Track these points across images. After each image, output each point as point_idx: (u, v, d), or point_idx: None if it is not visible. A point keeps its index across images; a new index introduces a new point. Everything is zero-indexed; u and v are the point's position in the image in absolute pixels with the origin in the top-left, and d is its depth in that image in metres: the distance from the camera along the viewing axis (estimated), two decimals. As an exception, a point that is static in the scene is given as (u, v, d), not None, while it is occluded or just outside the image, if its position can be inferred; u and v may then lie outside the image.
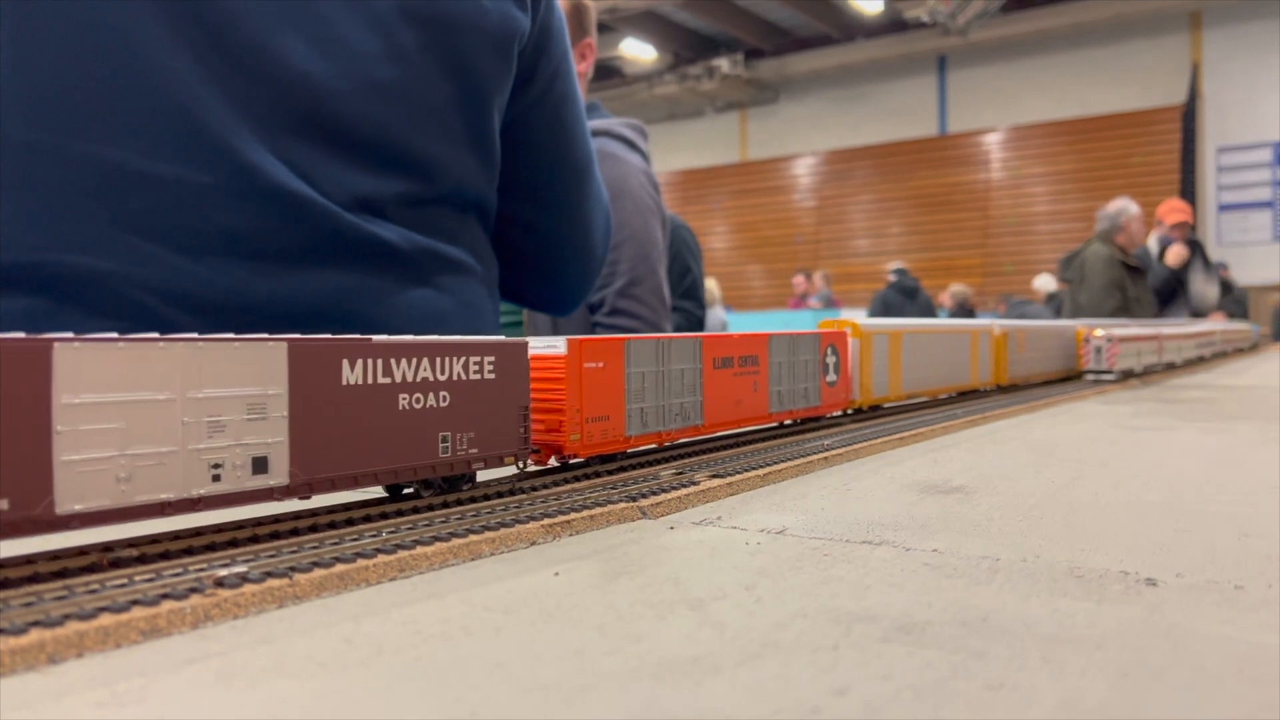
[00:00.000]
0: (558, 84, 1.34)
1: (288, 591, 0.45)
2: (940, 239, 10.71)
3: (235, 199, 0.99)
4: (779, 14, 10.07)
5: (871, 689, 0.34)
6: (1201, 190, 9.30)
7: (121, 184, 0.96)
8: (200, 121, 0.98)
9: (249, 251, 1.01)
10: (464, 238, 1.22)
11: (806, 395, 1.02)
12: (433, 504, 0.61)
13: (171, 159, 0.97)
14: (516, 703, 0.33)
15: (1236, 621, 0.42)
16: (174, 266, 0.97)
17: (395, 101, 1.09)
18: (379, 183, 1.09)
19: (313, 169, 1.04)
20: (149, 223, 0.97)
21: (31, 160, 0.95)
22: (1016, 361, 1.63)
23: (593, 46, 2.38)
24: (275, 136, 1.01)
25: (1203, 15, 9.35)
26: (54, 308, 0.95)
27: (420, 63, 1.10)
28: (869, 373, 1.15)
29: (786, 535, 0.59)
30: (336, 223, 1.04)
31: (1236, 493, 0.74)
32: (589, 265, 1.55)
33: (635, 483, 0.71)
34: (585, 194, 1.47)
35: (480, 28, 1.15)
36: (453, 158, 1.17)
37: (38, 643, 0.37)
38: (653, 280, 2.22)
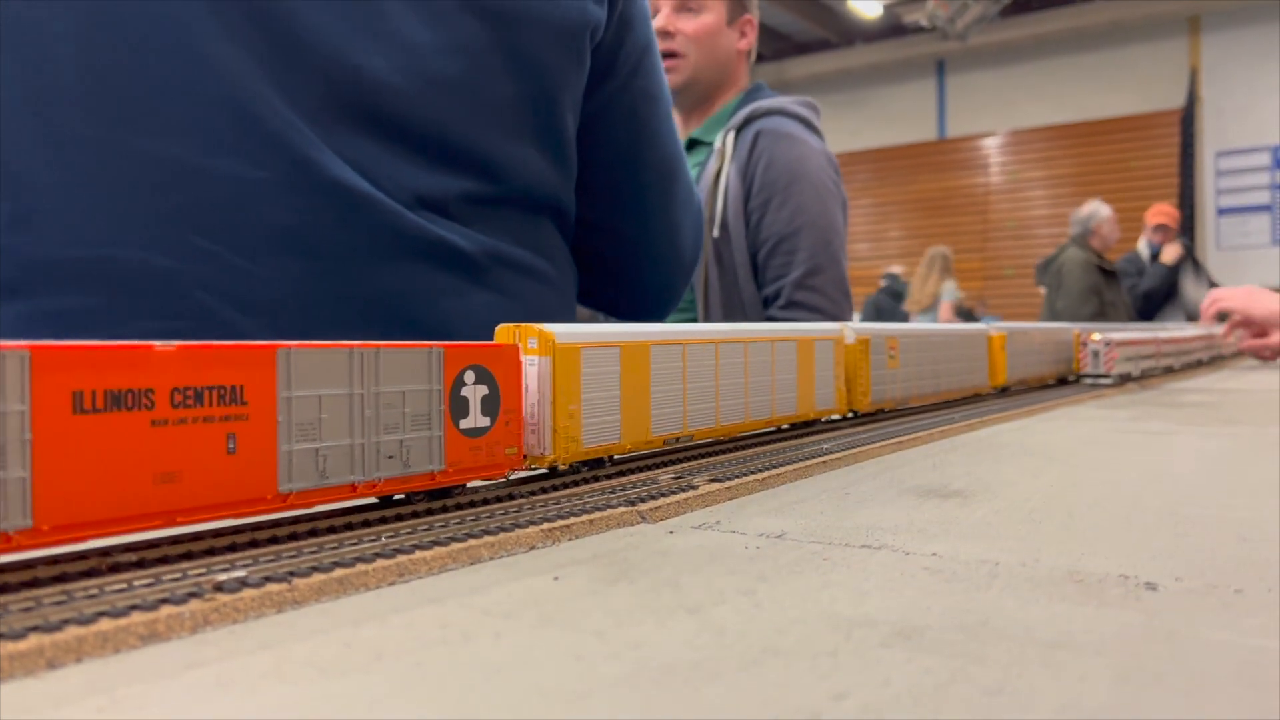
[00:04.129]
0: (638, 80, 1.28)
1: (287, 596, 0.45)
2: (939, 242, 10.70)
3: (292, 195, 0.97)
4: (778, 19, 10.08)
5: (871, 694, 0.34)
6: (1200, 194, 9.30)
7: (180, 179, 0.95)
8: (256, 116, 0.96)
9: (306, 249, 0.99)
10: (536, 241, 1.18)
11: (405, 455, 0.58)
12: (431, 508, 0.61)
13: (228, 154, 0.96)
14: (515, 708, 0.33)
15: (1236, 626, 0.42)
16: (231, 265, 0.96)
17: (457, 97, 1.06)
18: (441, 180, 1.06)
19: (372, 165, 1.01)
20: (206, 219, 0.96)
21: (93, 156, 0.94)
22: (888, 380, 1.18)
23: (753, 23, 2.31)
24: (333, 132, 0.99)
25: (1201, 20, 9.36)
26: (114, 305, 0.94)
27: (483, 57, 1.07)
28: (565, 412, 0.69)
29: (785, 539, 0.59)
30: (397, 221, 1.02)
31: (1236, 496, 0.74)
32: (675, 272, 1.49)
33: (634, 487, 0.71)
34: (670, 197, 1.40)
35: (548, 21, 1.11)
36: (520, 156, 1.13)
37: (36, 648, 0.37)
38: (834, 270, 2.10)
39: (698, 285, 2.16)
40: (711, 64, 2.24)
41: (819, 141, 2.22)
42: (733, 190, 2.12)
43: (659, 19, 2.19)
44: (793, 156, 2.13)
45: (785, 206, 2.09)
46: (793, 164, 2.12)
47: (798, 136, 2.17)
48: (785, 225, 2.08)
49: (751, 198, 2.12)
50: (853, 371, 1.11)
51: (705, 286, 2.14)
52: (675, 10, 2.20)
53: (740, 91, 2.32)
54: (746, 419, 0.92)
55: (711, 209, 2.13)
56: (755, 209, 2.11)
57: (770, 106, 2.20)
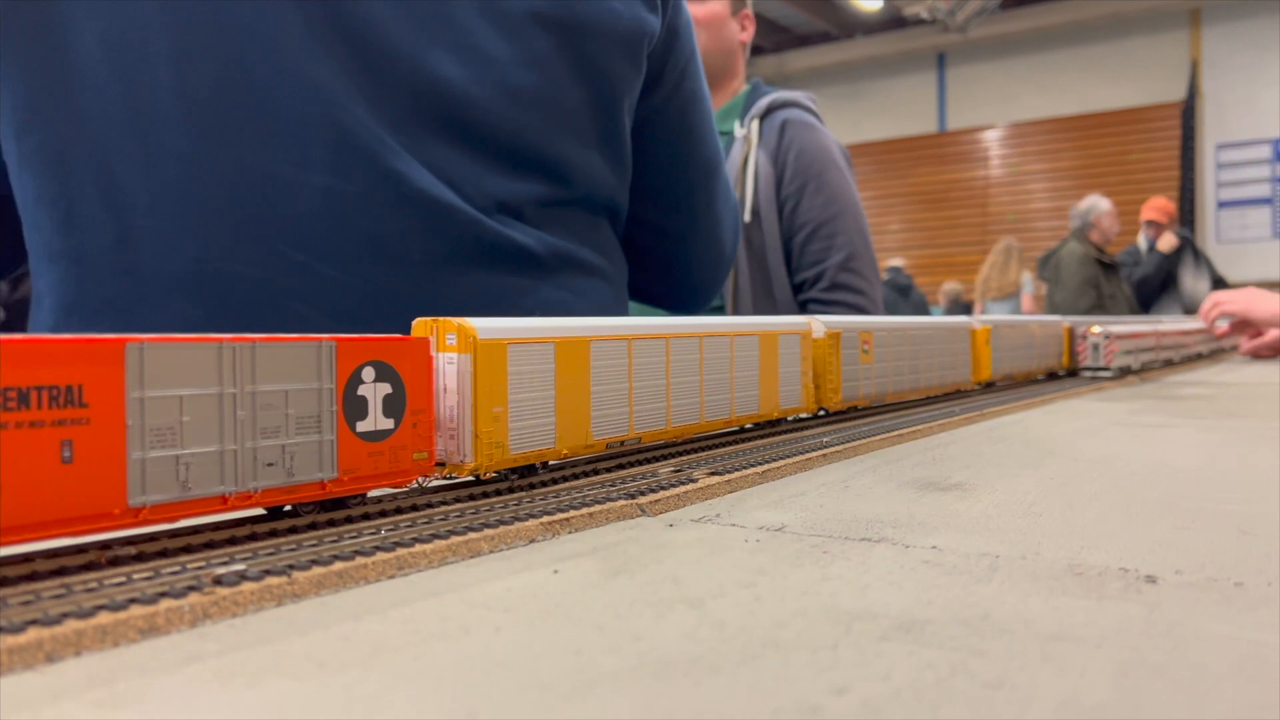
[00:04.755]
0: (685, 83, 1.33)
1: (286, 590, 0.45)
2: (939, 236, 10.72)
3: (381, 206, 1.00)
4: (779, 11, 10.06)
5: (871, 688, 0.34)
6: (1200, 187, 9.29)
7: (272, 193, 0.98)
8: (346, 129, 0.99)
9: (393, 257, 1.02)
10: (596, 240, 1.23)
11: (288, 462, 0.52)
12: (432, 501, 0.61)
13: (319, 168, 0.99)
14: (515, 701, 0.33)
15: (1236, 619, 0.42)
16: (321, 275, 0.99)
17: (531, 106, 1.10)
18: (517, 186, 1.10)
19: (455, 174, 1.05)
20: (298, 231, 0.99)
21: (189, 172, 0.97)
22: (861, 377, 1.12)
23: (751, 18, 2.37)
24: (418, 142, 1.03)
25: (1202, 13, 9.34)
26: (208, 315, 0.97)
27: (554, 67, 1.11)
28: (489, 415, 0.63)
29: (786, 532, 0.59)
30: (477, 227, 1.06)
31: (1236, 489, 0.74)
32: (718, 265, 1.54)
33: (634, 480, 0.71)
34: (714, 194, 1.46)
35: (612, 31, 1.15)
36: (586, 160, 1.18)
37: (35, 641, 0.37)
38: (869, 255, 2.16)
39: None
40: (717, 51, 2.29)
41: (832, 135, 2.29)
42: (763, 175, 2.16)
43: None
44: (821, 145, 2.20)
45: (821, 192, 2.13)
46: (822, 152, 2.18)
47: (819, 128, 2.24)
48: (822, 211, 2.13)
49: (785, 184, 2.16)
50: (822, 367, 1.05)
51: (735, 273, 2.17)
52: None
53: (742, 85, 2.36)
54: (702, 420, 0.86)
55: (741, 194, 2.16)
56: (790, 195, 2.15)
57: (789, 98, 2.27)
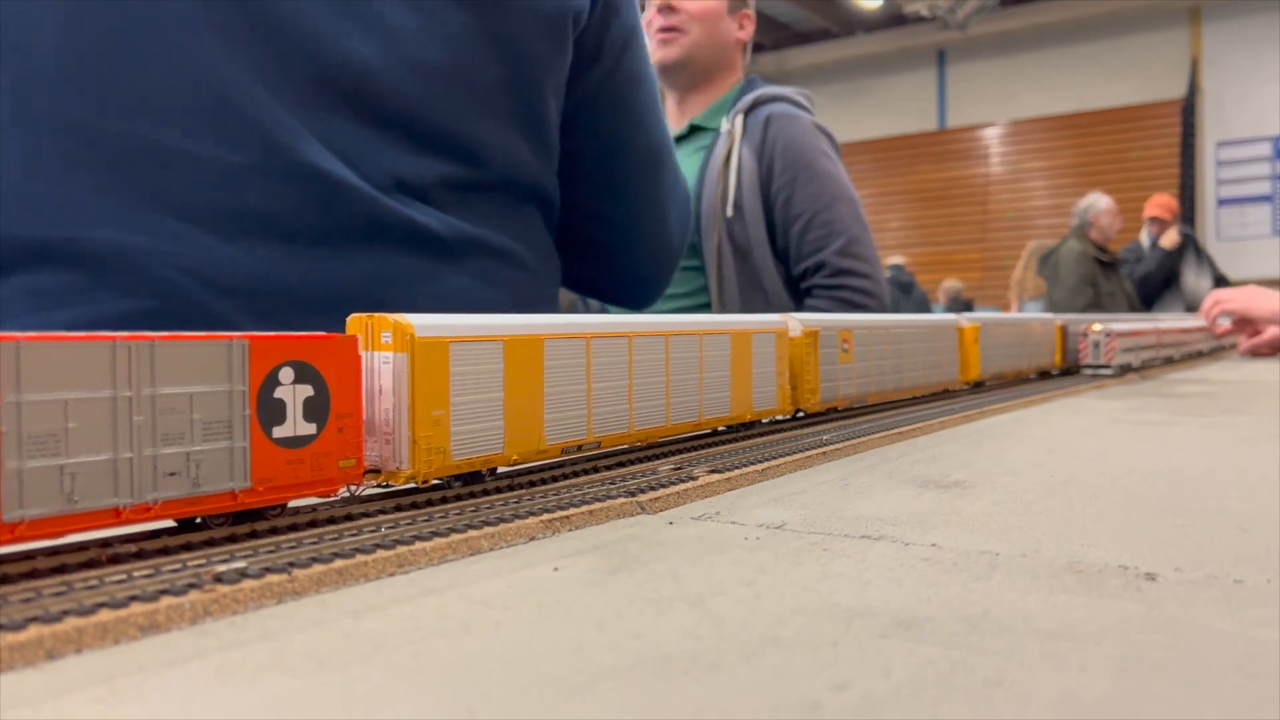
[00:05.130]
0: (624, 64, 1.29)
1: (287, 587, 0.45)
2: (939, 233, 10.71)
3: (270, 179, 0.98)
4: (778, 9, 10.05)
5: (871, 685, 0.34)
6: (1200, 185, 9.29)
7: (158, 161, 0.96)
8: (235, 100, 0.97)
9: (283, 233, 0.99)
10: (516, 228, 1.19)
11: (193, 472, 0.48)
12: (432, 499, 0.61)
13: (207, 137, 0.96)
14: (515, 699, 0.33)
15: (1236, 616, 0.42)
16: (207, 246, 0.97)
17: (439, 82, 1.06)
18: (421, 164, 1.07)
19: (352, 149, 1.02)
20: (184, 201, 0.96)
21: (70, 138, 0.95)
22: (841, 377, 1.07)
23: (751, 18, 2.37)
24: (313, 116, 1.00)
25: (1201, 10, 9.34)
26: (86, 284, 0.95)
27: (466, 43, 1.08)
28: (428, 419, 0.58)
29: (785, 530, 0.59)
30: (374, 206, 1.03)
31: (1236, 487, 0.74)
32: (663, 257, 1.50)
33: (634, 478, 0.71)
34: (657, 182, 1.41)
35: (531, 7, 1.12)
36: (502, 142, 1.14)
37: (36, 639, 0.37)
38: (868, 238, 2.16)
39: (711, 268, 2.18)
40: (710, 45, 2.29)
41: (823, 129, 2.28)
42: (746, 170, 2.16)
43: None
44: (809, 137, 2.20)
45: (814, 181, 2.14)
46: (811, 144, 2.19)
47: (803, 118, 2.24)
48: (816, 200, 2.13)
49: (775, 177, 2.16)
50: (799, 367, 1.00)
51: (719, 267, 2.17)
52: None
53: (738, 82, 2.36)
54: (668, 422, 0.82)
55: (724, 189, 2.16)
56: (781, 188, 2.15)
57: (776, 93, 2.27)
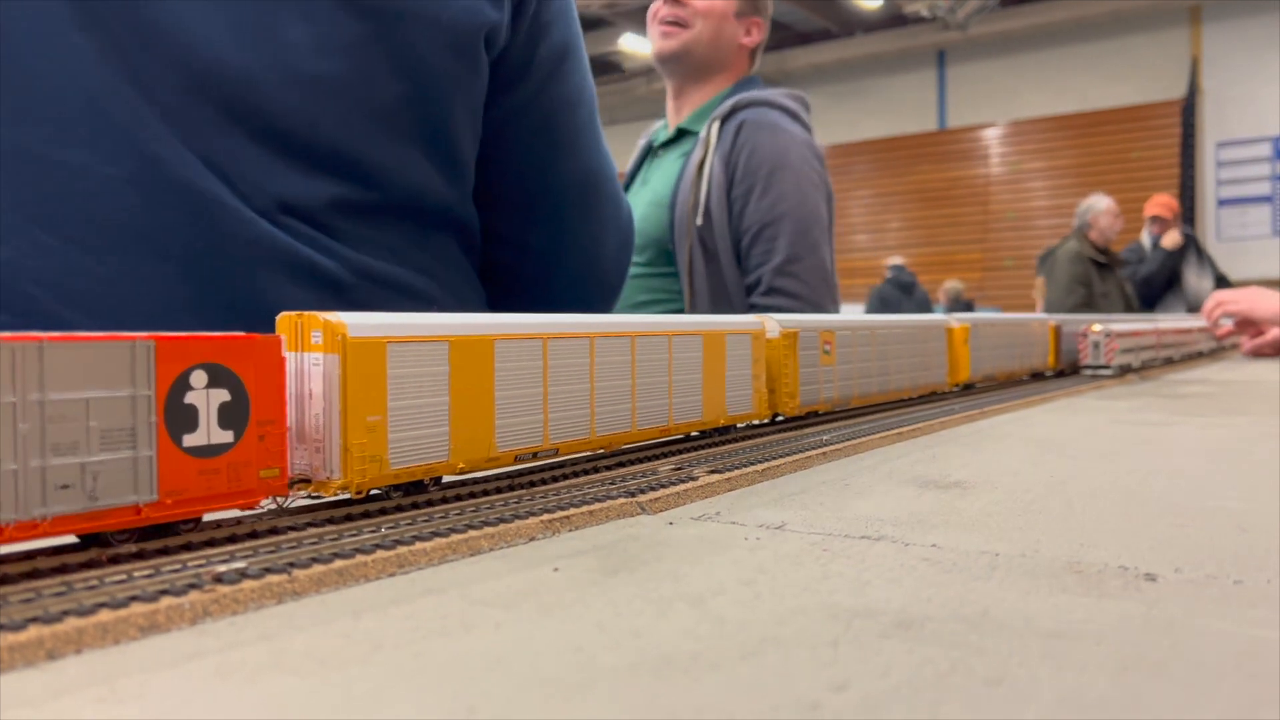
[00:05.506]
0: (554, 86, 1.21)
1: (287, 587, 0.45)
2: (939, 234, 10.72)
3: (140, 193, 0.93)
4: (779, 9, 10.05)
5: (871, 685, 0.34)
6: (1201, 185, 9.29)
7: (24, 169, 0.90)
8: (106, 109, 0.92)
9: (157, 251, 0.94)
10: (421, 257, 1.12)
11: (90, 484, 0.44)
12: (432, 500, 0.61)
13: (77, 146, 0.91)
14: (515, 699, 0.33)
15: (1236, 616, 0.42)
16: (71, 261, 0.91)
17: (330, 97, 1.00)
18: (310, 185, 1.00)
19: (232, 166, 0.96)
20: (49, 212, 0.91)
21: None
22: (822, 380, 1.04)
23: (760, 26, 2.33)
24: (193, 129, 0.95)
25: (1202, 10, 9.34)
26: None
27: (362, 57, 1.01)
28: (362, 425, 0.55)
29: (785, 530, 0.59)
30: (249, 229, 0.96)
31: (1236, 487, 0.74)
32: (596, 289, 1.41)
33: (634, 478, 0.71)
34: (588, 210, 1.32)
35: (434, 21, 1.04)
36: (404, 163, 1.07)
37: (36, 639, 0.37)
38: (813, 258, 2.14)
39: (683, 273, 2.20)
40: (711, 44, 2.28)
41: (804, 133, 2.26)
42: (716, 178, 2.16)
43: None
44: (775, 147, 2.17)
45: (767, 195, 2.13)
46: (775, 154, 2.16)
47: (781, 127, 2.21)
48: (766, 214, 2.13)
49: (734, 186, 2.16)
50: (777, 370, 0.97)
51: (690, 273, 2.18)
52: None
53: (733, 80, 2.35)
54: (634, 428, 0.78)
55: (696, 196, 2.17)
56: (738, 197, 2.16)
57: (756, 98, 2.24)
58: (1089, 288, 4.78)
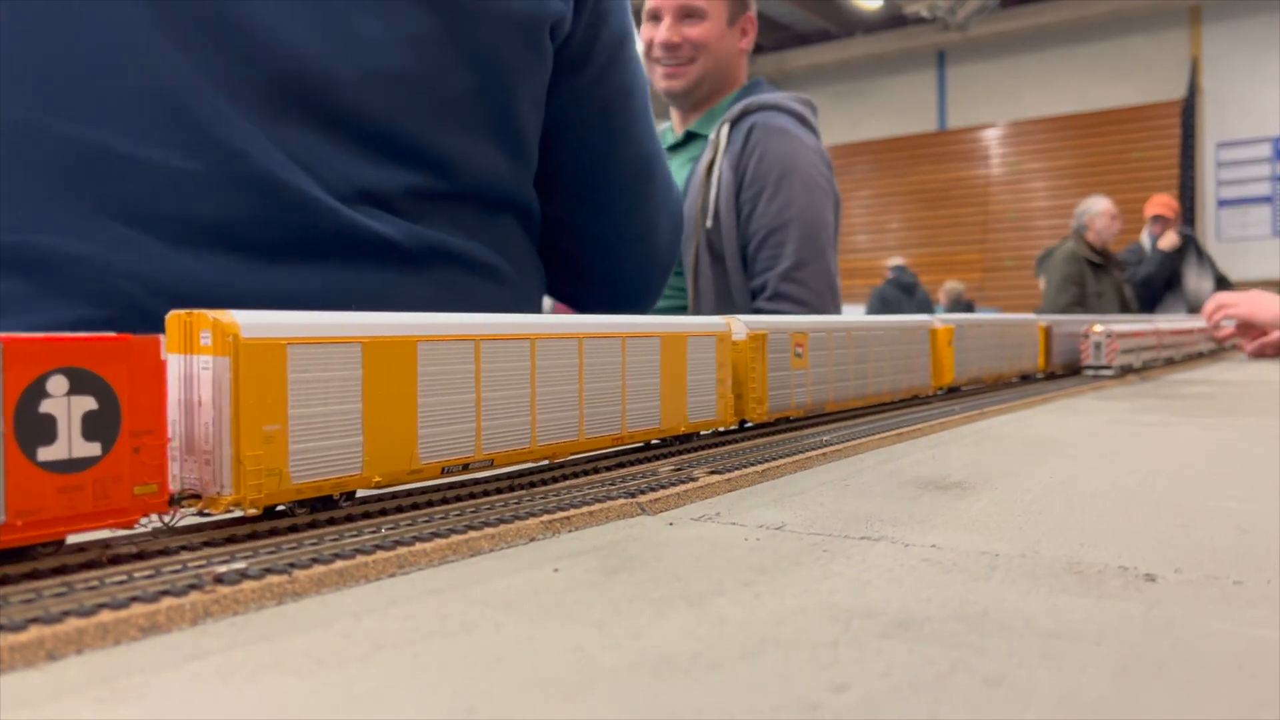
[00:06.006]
0: (612, 74, 1.25)
1: (287, 588, 0.45)
2: (940, 234, 10.71)
3: (222, 188, 0.95)
4: (778, 9, 10.06)
5: (871, 685, 0.34)
6: (1201, 185, 9.29)
7: (107, 167, 0.93)
8: (188, 107, 0.94)
9: (236, 243, 0.97)
10: (490, 236, 1.16)
11: None
12: (432, 500, 0.61)
13: (159, 144, 0.94)
14: (515, 699, 0.34)
15: (1236, 617, 0.42)
16: (156, 255, 0.94)
17: (407, 90, 1.04)
18: (386, 174, 1.04)
19: (315, 159, 0.99)
20: (133, 209, 0.94)
21: (16, 139, 0.93)
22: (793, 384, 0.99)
23: (754, 21, 2.35)
24: (273, 124, 0.98)
25: (1202, 10, 9.34)
26: (33, 291, 0.92)
27: (435, 50, 1.05)
28: (258, 435, 0.50)
29: (785, 531, 0.59)
30: (330, 217, 1.00)
31: (1236, 488, 0.74)
32: (649, 272, 1.46)
33: (634, 479, 0.71)
34: (644, 195, 1.37)
35: (503, 13, 1.09)
36: (473, 151, 1.11)
37: (37, 639, 0.37)
38: (819, 264, 2.15)
39: (688, 274, 2.20)
40: (717, 66, 2.30)
41: (813, 138, 2.27)
42: (725, 181, 2.16)
43: (663, 31, 2.25)
44: (785, 151, 2.17)
45: (775, 200, 2.14)
46: (784, 159, 2.16)
47: (791, 132, 2.21)
48: (774, 219, 2.13)
49: (743, 190, 2.17)
50: (744, 374, 0.92)
51: (696, 275, 2.19)
52: (678, 19, 2.26)
53: (739, 87, 2.36)
54: (581, 436, 0.73)
55: (705, 199, 2.17)
56: (746, 201, 2.16)
57: (766, 101, 2.24)
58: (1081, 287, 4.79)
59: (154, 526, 0.50)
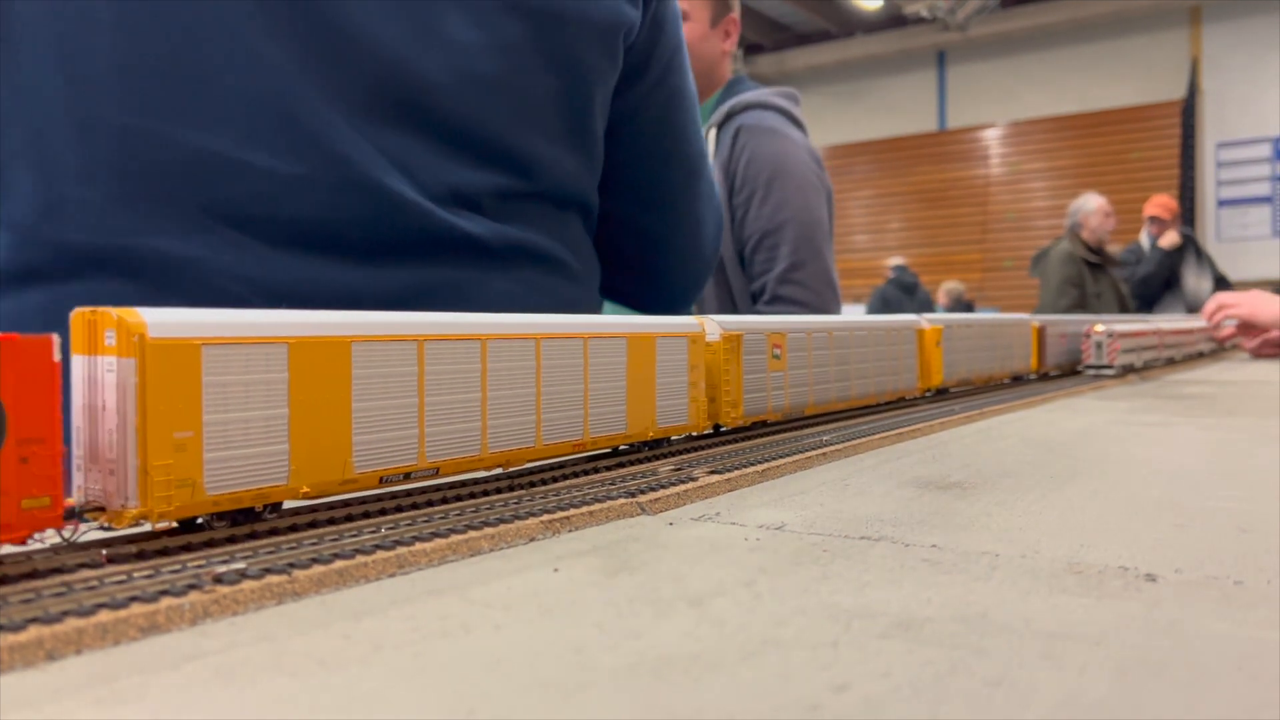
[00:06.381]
0: (669, 79, 1.30)
1: (287, 588, 0.45)
2: (939, 234, 10.71)
3: (326, 191, 0.98)
4: (779, 10, 10.05)
5: (871, 686, 0.34)
6: (1201, 186, 9.29)
7: (213, 171, 0.96)
8: (293, 112, 0.97)
9: (337, 244, 1.00)
10: (561, 235, 1.20)
11: None
12: (432, 500, 0.61)
13: (266, 147, 0.97)
14: (515, 700, 0.33)
15: (1236, 617, 0.42)
16: (261, 256, 0.97)
17: (497, 95, 1.08)
18: (476, 176, 1.08)
19: (411, 161, 1.03)
20: (239, 211, 0.96)
21: (126, 144, 0.95)
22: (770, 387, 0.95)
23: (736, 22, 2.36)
24: (373, 127, 1.01)
25: (1202, 10, 9.34)
26: (141, 293, 0.95)
27: (524, 56, 1.09)
28: (168, 443, 0.47)
29: (785, 531, 0.59)
30: (429, 219, 1.04)
31: (1236, 488, 0.74)
32: (697, 267, 1.51)
33: (634, 479, 0.71)
34: (695, 193, 1.42)
35: (586, 20, 1.13)
36: (552, 153, 1.15)
37: (36, 639, 0.37)
38: (817, 263, 2.16)
39: None
40: (699, 68, 2.29)
41: (800, 134, 2.26)
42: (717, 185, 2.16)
43: None
44: (773, 151, 2.17)
45: (768, 202, 2.14)
46: (774, 159, 2.16)
47: (778, 130, 2.21)
48: (768, 221, 2.13)
49: (735, 194, 2.16)
50: (717, 377, 0.89)
51: None
52: None
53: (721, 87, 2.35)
54: (539, 443, 0.69)
55: None
56: (739, 205, 2.16)
57: (751, 100, 2.23)
58: (1081, 289, 4.78)
59: (53, 543, 0.47)
